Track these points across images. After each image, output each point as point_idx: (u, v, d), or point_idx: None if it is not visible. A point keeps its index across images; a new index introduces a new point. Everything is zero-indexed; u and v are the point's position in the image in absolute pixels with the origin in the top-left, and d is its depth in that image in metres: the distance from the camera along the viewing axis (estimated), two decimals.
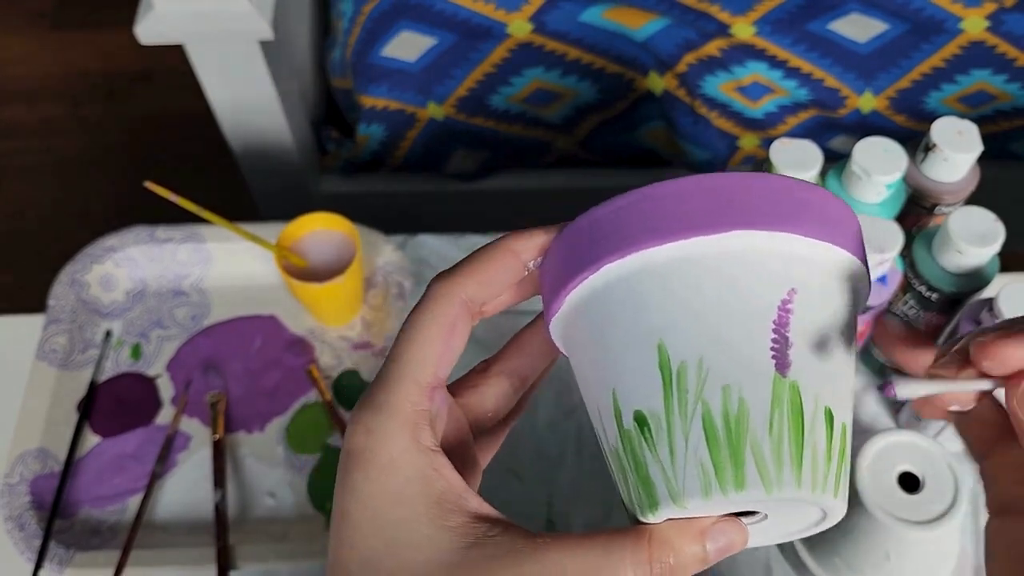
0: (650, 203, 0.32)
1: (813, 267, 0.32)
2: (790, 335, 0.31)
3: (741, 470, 0.30)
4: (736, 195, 0.31)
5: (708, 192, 0.31)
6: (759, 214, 0.31)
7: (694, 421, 0.30)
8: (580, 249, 0.33)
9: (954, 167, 0.72)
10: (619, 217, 0.32)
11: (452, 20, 1.21)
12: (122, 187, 1.93)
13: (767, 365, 0.30)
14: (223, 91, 1.19)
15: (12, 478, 0.77)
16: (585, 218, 0.33)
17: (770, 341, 0.30)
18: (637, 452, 0.32)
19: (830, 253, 0.32)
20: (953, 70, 1.17)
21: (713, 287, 0.31)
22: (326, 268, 0.81)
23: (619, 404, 0.32)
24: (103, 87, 2.13)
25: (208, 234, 0.89)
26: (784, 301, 0.31)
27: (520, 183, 1.36)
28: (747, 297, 0.31)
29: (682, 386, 0.31)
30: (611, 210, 0.33)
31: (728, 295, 0.31)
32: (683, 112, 1.20)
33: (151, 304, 0.89)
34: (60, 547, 0.74)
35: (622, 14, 1.18)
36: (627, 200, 0.32)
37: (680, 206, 0.31)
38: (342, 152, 1.37)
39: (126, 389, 0.85)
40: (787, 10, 1.18)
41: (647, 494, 0.31)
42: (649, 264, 0.32)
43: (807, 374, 0.31)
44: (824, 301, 0.32)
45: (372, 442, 0.32)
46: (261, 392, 0.84)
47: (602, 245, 0.32)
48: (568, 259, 0.33)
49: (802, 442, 0.30)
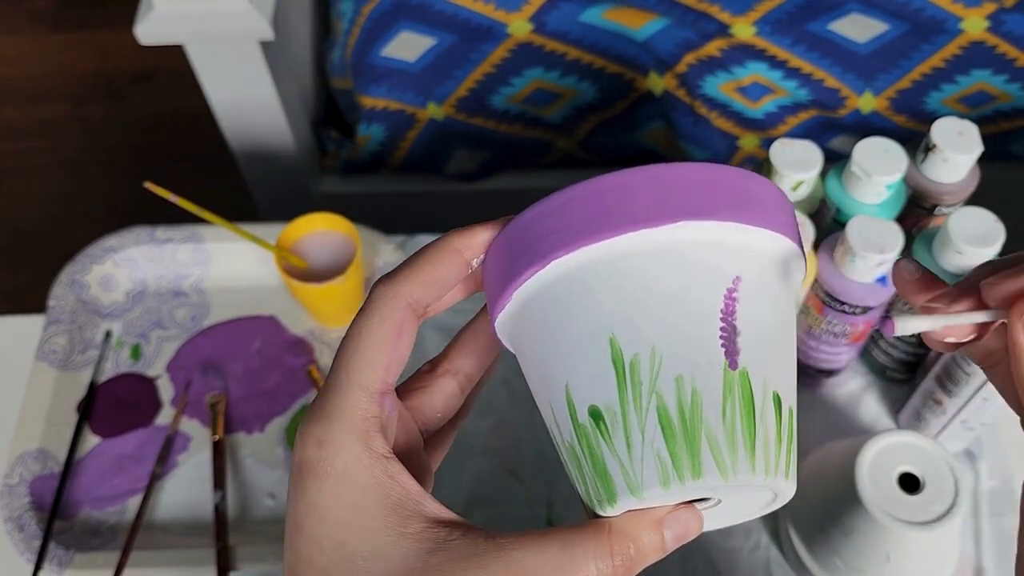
0: (595, 197, 0.32)
1: (755, 255, 0.32)
2: (738, 323, 0.31)
3: (698, 459, 0.30)
4: (679, 186, 0.31)
5: (652, 184, 0.32)
6: (703, 204, 0.31)
7: (649, 413, 0.31)
8: (526, 245, 0.33)
9: (954, 168, 0.72)
10: (565, 212, 0.32)
11: (452, 20, 1.21)
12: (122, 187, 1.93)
13: (718, 354, 0.31)
14: (223, 91, 1.19)
15: (12, 479, 0.77)
16: (530, 213, 0.33)
17: (719, 331, 0.31)
18: (593, 446, 0.32)
19: (770, 240, 0.33)
20: (953, 70, 1.16)
21: (661, 279, 0.31)
22: (326, 269, 0.81)
23: (573, 399, 0.32)
24: (103, 87, 2.13)
25: (208, 234, 0.89)
26: (730, 290, 0.31)
27: (520, 183, 1.36)
28: (695, 288, 0.31)
29: (636, 379, 0.31)
30: (556, 205, 0.33)
31: (676, 286, 0.31)
32: (683, 112, 1.20)
33: (151, 305, 0.89)
34: (60, 548, 0.74)
35: (622, 14, 1.18)
36: (572, 194, 0.32)
37: (625, 199, 0.32)
38: (342, 152, 1.37)
39: (126, 390, 0.85)
40: (787, 10, 1.18)
41: (605, 488, 0.32)
42: (597, 258, 0.32)
43: (755, 361, 0.31)
44: (767, 287, 0.32)
45: (324, 453, 0.32)
46: (261, 393, 0.84)
47: (549, 241, 0.32)
48: (513, 256, 0.33)
49: (754, 428, 0.31)
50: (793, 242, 0.34)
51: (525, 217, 0.33)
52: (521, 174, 1.37)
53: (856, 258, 0.66)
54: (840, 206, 0.73)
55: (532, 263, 0.32)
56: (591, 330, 0.32)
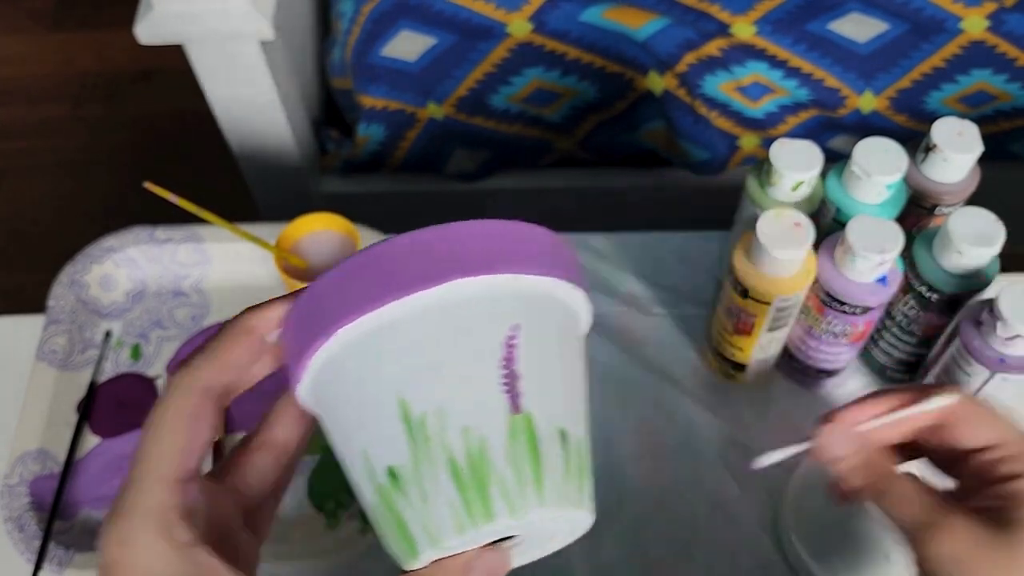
0: (371, 266, 0.33)
1: (529, 300, 0.34)
2: (518, 368, 0.33)
3: (488, 502, 0.32)
4: (447, 245, 0.33)
5: (421, 247, 0.33)
6: (472, 261, 0.33)
7: (440, 465, 0.32)
8: (313, 318, 0.34)
9: (954, 168, 0.72)
10: (344, 283, 0.34)
11: (452, 20, 1.21)
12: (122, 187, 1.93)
13: (501, 402, 0.32)
14: (223, 91, 1.19)
15: (12, 479, 0.77)
16: (315, 286, 0.34)
17: (501, 378, 0.32)
18: (392, 504, 0.33)
19: (542, 283, 0.35)
20: (953, 70, 1.17)
21: (440, 337, 0.33)
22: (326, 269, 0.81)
23: (371, 462, 0.33)
24: (103, 87, 2.13)
25: (208, 234, 0.89)
26: (509, 338, 0.33)
27: (520, 183, 1.36)
28: (474, 341, 0.33)
29: (425, 435, 0.32)
30: (337, 277, 0.34)
31: (455, 342, 0.33)
32: (683, 112, 1.20)
33: (151, 305, 0.89)
34: (60, 548, 0.74)
35: (622, 14, 1.18)
36: (350, 265, 0.34)
37: (397, 265, 0.33)
38: (342, 152, 1.37)
39: (126, 390, 0.85)
40: (787, 10, 1.18)
41: (407, 542, 0.33)
42: (377, 325, 0.33)
43: (539, 401, 0.33)
44: (546, 327, 0.34)
45: (126, 553, 0.32)
46: (260, 393, 0.83)
47: (333, 312, 0.33)
48: (303, 329, 0.35)
49: (540, 466, 0.32)
50: (565, 280, 0.35)
51: (312, 290, 0.35)
52: (521, 174, 1.37)
53: (856, 258, 0.66)
54: (840, 206, 0.73)
55: (318, 336, 0.34)
56: (381, 394, 0.33)
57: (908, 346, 0.77)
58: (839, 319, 0.71)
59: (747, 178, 0.76)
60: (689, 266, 0.90)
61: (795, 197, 0.73)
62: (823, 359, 0.77)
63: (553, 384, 0.34)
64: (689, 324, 0.87)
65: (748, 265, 0.69)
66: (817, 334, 0.74)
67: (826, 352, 0.76)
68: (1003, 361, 0.67)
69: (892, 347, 0.78)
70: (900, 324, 0.75)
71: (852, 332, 0.73)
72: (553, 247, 0.36)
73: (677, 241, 0.92)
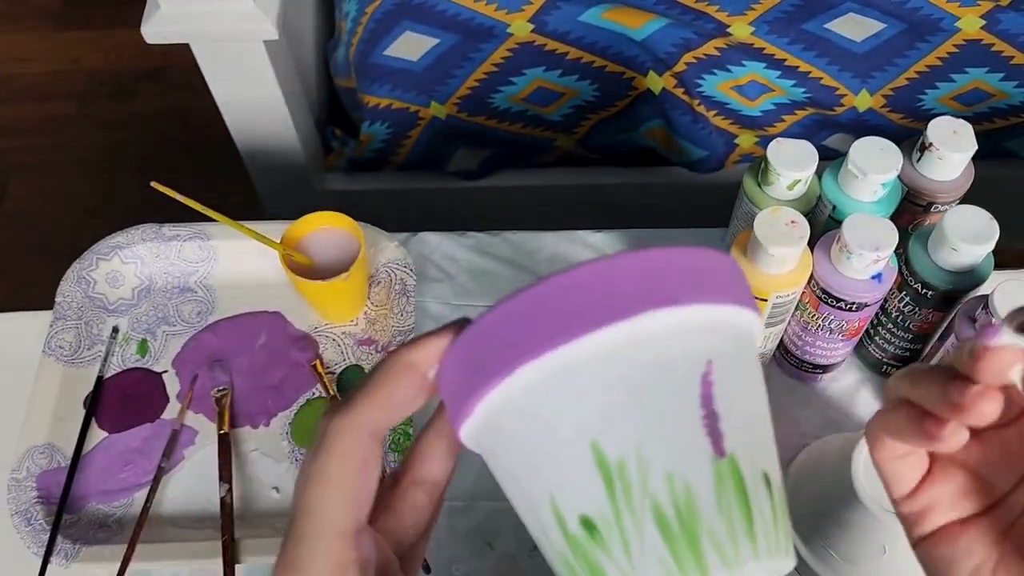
0: (551, 301, 0.31)
1: (723, 333, 0.32)
2: (717, 408, 0.30)
3: (702, 558, 0.29)
4: (636, 277, 0.30)
5: (609, 278, 0.30)
6: (662, 292, 0.30)
7: (645, 516, 0.29)
8: (487, 355, 0.31)
9: (949, 166, 0.73)
10: (524, 318, 0.31)
11: (454, 20, 1.22)
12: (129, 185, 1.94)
13: (704, 444, 0.30)
14: (229, 90, 1.20)
15: (19, 473, 0.77)
16: (487, 319, 0.32)
17: (701, 419, 0.30)
18: (590, 557, 0.30)
19: (734, 314, 0.32)
20: (949, 69, 1.17)
21: (635, 375, 0.30)
22: (330, 266, 0.82)
23: (560, 510, 0.31)
24: (110, 86, 2.14)
25: (214, 232, 0.90)
26: (705, 375, 0.30)
27: (521, 181, 1.37)
28: (669, 379, 0.30)
29: (626, 482, 0.29)
30: (514, 310, 0.31)
31: (651, 380, 0.30)
32: (682, 111, 1.21)
33: (157, 301, 0.90)
34: (67, 541, 0.75)
35: (621, 14, 1.19)
36: (527, 298, 0.31)
37: (585, 298, 0.30)
38: (346, 150, 1.38)
39: (132, 385, 0.85)
40: (784, 10, 1.18)
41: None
42: (563, 365, 0.30)
43: (741, 443, 0.30)
44: (740, 363, 0.32)
45: None
46: (266, 387, 0.85)
47: (511, 350, 0.31)
48: (475, 367, 0.32)
49: (751, 514, 0.30)
50: (752, 311, 0.33)
51: (483, 324, 0.32)
52: (522, 172, 1.38)
53: (852, 255, 0.67)
54: (836, 204, 0.74)
55: (496, 374, 0.31)
56: (570, 438, 0.30)
57: (903, 342, 0.77)
58: (835, 315, 0.72)
59: (744, 176, 0.77)
60: None
61: (791, 195, 0.74)
62: (819, 354, 0.78)
63: (752, 422, 0.31)
64: None
65: (745, 262, 0.70)
66: (813, 330, 0.75)
67: (822, 347, 0.77)
68: None
69: (887, 343, 0.79)
70: (895, 320, 0.76)
71: (847, 328, 0.73)
72: (732, 273, 0.33)
73: (675, 237, 0.93)
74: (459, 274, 0.92)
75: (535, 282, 0.31)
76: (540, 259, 0.92)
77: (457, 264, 0.92)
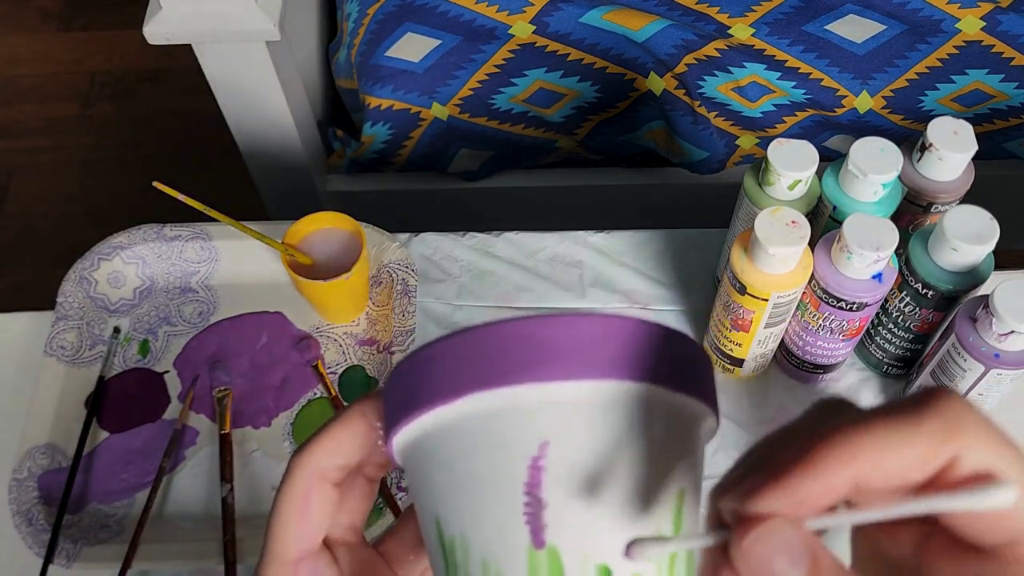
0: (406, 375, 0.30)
1: (569, 409, 0.28)
2: (544, 495, 0.28)
3: None
4: (474, 352, 0.29)
5: (449, 355, 0.29)
6: (491, 369, 0.28)
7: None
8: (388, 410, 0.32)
9: (950, 166, 0.73)
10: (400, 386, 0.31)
11: (456, 22, 1.22)
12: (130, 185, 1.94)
13: (521, 534, 0.28)
14: (230, 91, 1.20)
15: (21, 473, 0.77)
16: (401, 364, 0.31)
17: (523, 506, 0.28)
18: None
19: (587, 388, 0.28)
20: (949, 70, 1.17)
21: (462, 456, 0.29)
22: (332, 266, 0.82)
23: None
24: (112, 86, 2.14)
25: (215, 232, 0.90)
26: (535, 458, 0.28)
27: (522, 182, 1.37)
28: (493, 462, 0.28)
29: (453, 563, 0.29)
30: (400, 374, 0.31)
31: (475, 463, 0.29)
32: (683, 112, 1.21)
33: (159, 301, 0.90)
34: (68, 541, 0.75)
35: (622, 16, 1.19)
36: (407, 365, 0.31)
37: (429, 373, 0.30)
38: (348, 151, 1.38)
39: (134, 385, 0.85)
40: (785, 12, 1.18)
41: None
42: (415, 440, 0.30)
43: (570, 532, 0.28)
44: (592, 439, 0.28)
45: None
46: (267, 387, 0.85)
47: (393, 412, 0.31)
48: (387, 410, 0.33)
49: None
50: (618, 378, 0.28)
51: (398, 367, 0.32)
52: (523, 173, 1.38)
53: (852, 256, 0.67)
54: (837, 204, 0.74)
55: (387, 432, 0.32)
56: (425, 509, 0.31)
57: (904, 342, 0.78)
58: (835, 315, 0.72)
59: (745, 177, 0.77)
60: (687, 263, 0.91)
61: (792, 196, 0.74)
62: (820, 354, 0.78)
63: (599, 506, 0.28)
64: (688, 320, 0.88)
65: (746, 262, 0.70)
66: (814, 330, 0.75)
67: (823, 347, 0.77)
68: (998, 357, 0.67)
69: (888, 343, 0.79)
70: (896, 320, 0.76)
71: (848, 328, 0.73)
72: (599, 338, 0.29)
73: (676, 238, 0.93)
74: (461, 274, 0.92)
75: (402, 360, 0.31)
76: (541, 259, 0.92)
77: (459, 264, 0.93)
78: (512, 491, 0.28)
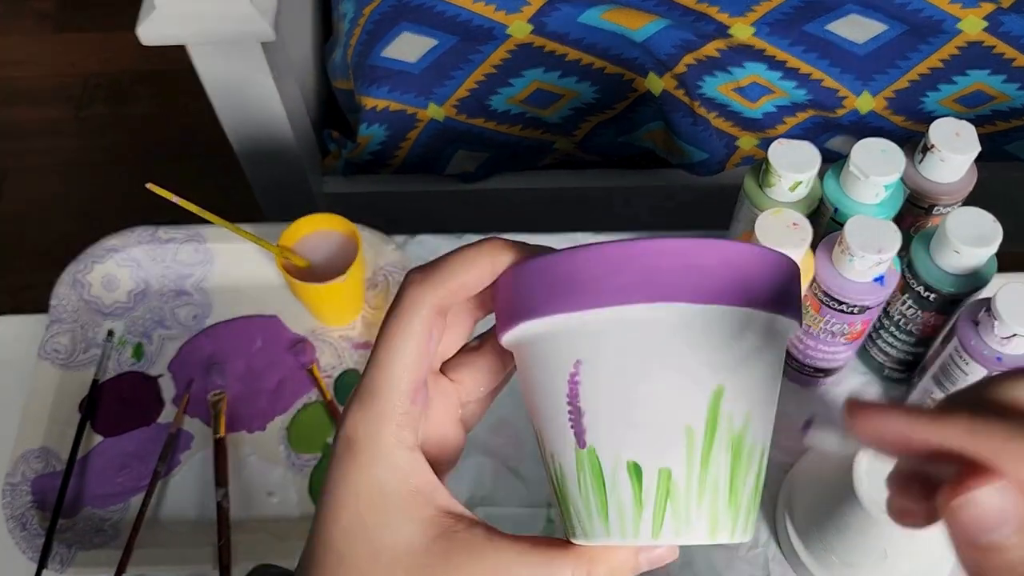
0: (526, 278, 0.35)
1: (593, 334, 0.33)
2: (581, 404, 0.34)
3: (571, 525, 0.35)
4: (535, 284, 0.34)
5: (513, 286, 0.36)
6: (532, 304, 0.34)
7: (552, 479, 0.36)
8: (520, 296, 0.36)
9: (952, 168, 0.72)
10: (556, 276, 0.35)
11: (453, 21, 1.21)
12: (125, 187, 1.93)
13: (569, 435, 0.34)
14: (225, 92, 1.19)
15: (14, 477, 0.77)
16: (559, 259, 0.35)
17: (567, 414, 0.34)
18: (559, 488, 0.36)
19: (606, 315, 0.33)
20: (951, 71, 1.17)
21: (530, 368, 0.36)
22: (327, 268, 0.81)
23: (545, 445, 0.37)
24: (106, 88, 2.14)
25: (210, 234, 0.89)
26: (572, 375, 0.34)
27: (520, 183, 1.37)
28: (548, 376, 0.35)
29: (541, 447, 0.37)
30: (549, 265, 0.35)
31: (536, 375, 0.35)
32: (682, 113, 1.21)
33: (153, 304, 0.89)
34: (62, 546, 0.74)
35: (621, 15, 1.18)
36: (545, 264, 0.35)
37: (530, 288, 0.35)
38: (343, 153, 1.37)
39: (128, 389, 0.85)
40: (785, 11, 1.18)
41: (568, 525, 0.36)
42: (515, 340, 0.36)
43: (604, 436, 0.33)
44: (615, 361, 0.33)
45: (362, 435, 0.36)
46: (263, 391, 0.84)
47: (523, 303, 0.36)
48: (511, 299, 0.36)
49: (605, 498, 0.34)
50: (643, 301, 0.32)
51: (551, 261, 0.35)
52: (520, 174, 1.37)
53: (854, 258, 0.67)
54: (838, 206, 0.73)
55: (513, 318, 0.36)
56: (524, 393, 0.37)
57: (906, 345, 0.77)
58: (837, 318, 0.71)
59: (745, 178, 0.77)
60: None
61: (793, 197, 0.74)
62: (821, 358, 0.77)
63: (625, 417, 0.33)
64: None
65: None
66: (815, 333, 0.74)
67: (824, 351, 0.76)
68: (1000, 360, 0.67)
69: (890, 346, 0.78)
70: (898, 323, 0.76)
71: (850, 331, 0.73)
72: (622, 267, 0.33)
73: None
74: None
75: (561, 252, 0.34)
76: None
77: None
78: (560, 402, 0.34)
